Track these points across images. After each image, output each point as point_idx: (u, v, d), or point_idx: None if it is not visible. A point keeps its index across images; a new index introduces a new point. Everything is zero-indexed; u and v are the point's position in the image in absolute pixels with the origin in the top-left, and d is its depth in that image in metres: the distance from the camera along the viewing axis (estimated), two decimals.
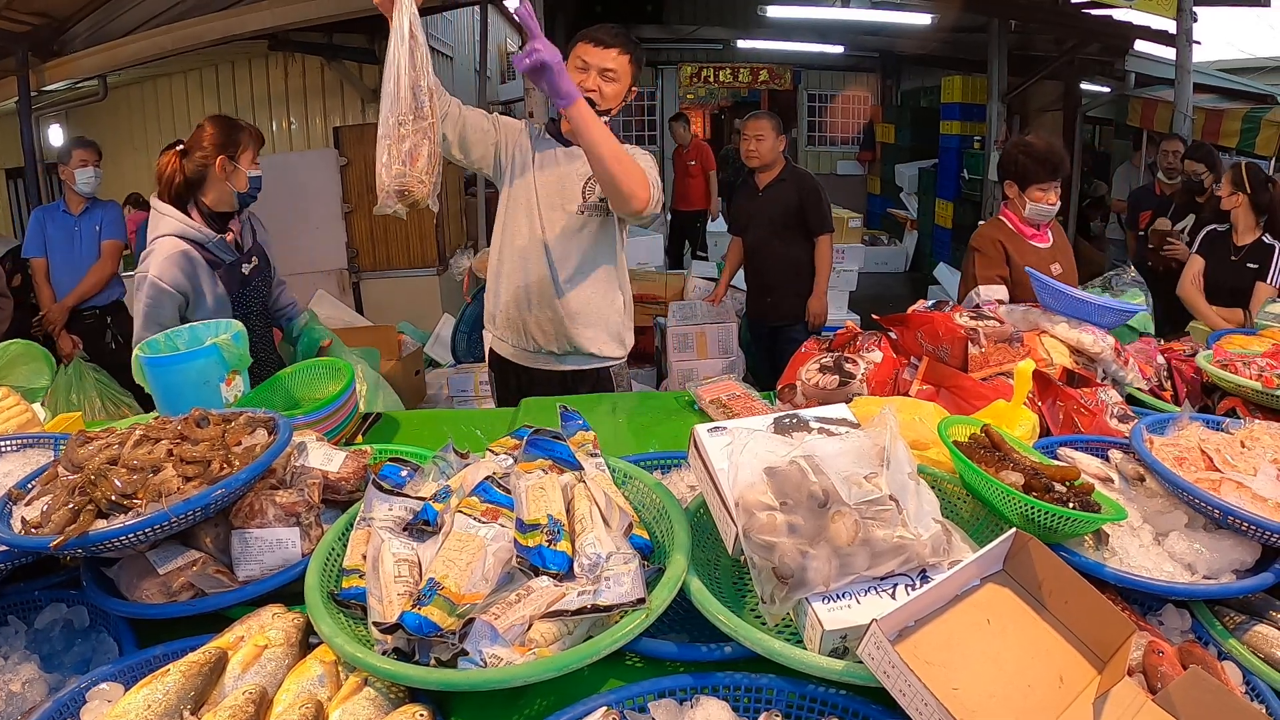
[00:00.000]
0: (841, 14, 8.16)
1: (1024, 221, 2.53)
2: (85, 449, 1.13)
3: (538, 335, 2.10)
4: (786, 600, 0.88)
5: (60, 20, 4.61)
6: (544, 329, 2.09)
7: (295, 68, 5.86)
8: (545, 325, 2.08)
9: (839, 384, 1.61)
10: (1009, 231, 2.52)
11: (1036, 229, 2.55)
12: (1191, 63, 5.24)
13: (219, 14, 4.49)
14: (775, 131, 3.55)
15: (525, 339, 2.12)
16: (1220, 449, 1.20)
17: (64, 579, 1.12)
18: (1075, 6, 6.21)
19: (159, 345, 1.64)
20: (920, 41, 8.29)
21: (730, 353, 4.24)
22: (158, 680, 0.84)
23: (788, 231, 3.57)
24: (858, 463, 0.95)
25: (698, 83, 11.14)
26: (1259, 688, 0.93)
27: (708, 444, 1.02)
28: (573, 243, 2.03)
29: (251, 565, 1.05)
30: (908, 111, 9.52)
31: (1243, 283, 3.02)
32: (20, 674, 0.97)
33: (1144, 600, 1.06)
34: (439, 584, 0.89)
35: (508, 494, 1.05)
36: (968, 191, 7.52)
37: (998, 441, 1.17)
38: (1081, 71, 7.03)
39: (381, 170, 1.57)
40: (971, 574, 0.92)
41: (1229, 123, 5.33)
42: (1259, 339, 1.97)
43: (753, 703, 0.87)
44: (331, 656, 0.90)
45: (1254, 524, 1.02)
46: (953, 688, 0.80)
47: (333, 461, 1.22)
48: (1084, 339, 1.65)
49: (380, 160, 1.58)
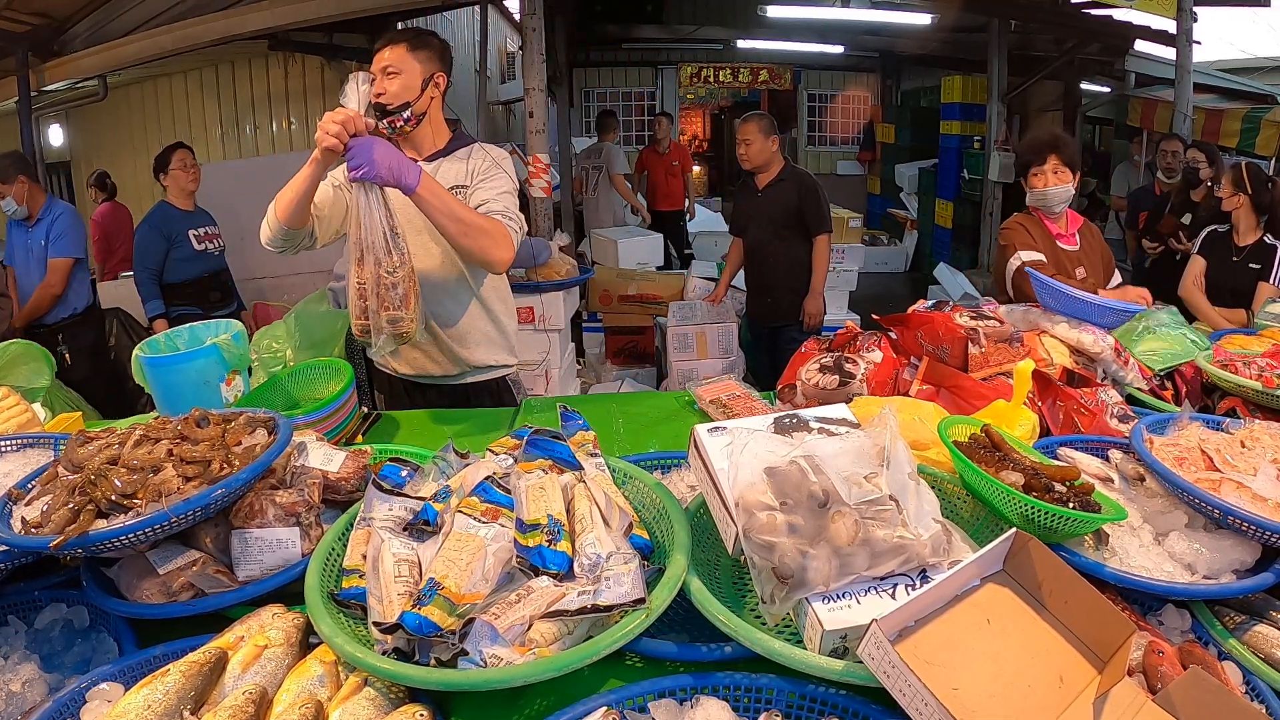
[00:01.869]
0: (841, 14, 8.15)
1: (1048, 217, 2.51)
2: (85, 449, 1.13)
3: (428, 365, 2.03)
4: (786, 600, 0.88)
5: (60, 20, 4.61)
6: (434, 358, 2.02)
7: (295, 68, 5.86)
8: (434, 354, 2.02)
9: (839, 384, 1.61)
10: (1040, 227, 2.50)
11: (1059, 225, 2.51)
12: (1191, 63, 5.24)
13: (219, 14, 4.49)
14: (764, 133, 3.54)
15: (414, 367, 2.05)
16: (1220, 449, 1.20)
17: (64, 579, 1.12)
18: (1075, 6, 6.21)
19: (159, 345, 1.64)
20: (920, 41, 8.28)
21: (730, 353, 4.24)
22: (158, 680, 0.84)
23: (787, 231, 3.57)
24: (858, 463, 0.95)
25: (698, 83, 11.14)
26: (1259, 688, 0.93)
27: (708, 444, 1.02)
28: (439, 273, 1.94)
29: (251, 565, 1.05)
30: (908, 111, 9.52)
31: (1245, 283, 3.00)
32: (20, 674, 0.97)
33: (1144, 600, 1.06)
34: (439, 584, 0.90)
35: (508, 494, 1.05)
36: (968, 191, 7.52)
37: (998, 441, 1.17)
38: (1081, 71, 7.03)
39: (374, 317, 1.60)
40: (971, 574, 0.92)
41: (1229, 123, 5.33)
42: (1259, 339, 1.97)
43: (753, 703, 0.87)
44: (331, 656, 0.90)
45: (1254, 524, 1.02)
46: (953, 688, 0.80)
47: (333, 461, 1.22)
48: (1084, 339, 1.65)
49: (363, 306, 1.61)
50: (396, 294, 1.62)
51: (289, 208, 1.71)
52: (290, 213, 1.71)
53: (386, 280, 1.61)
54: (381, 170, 1.55)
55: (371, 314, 1.62)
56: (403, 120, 1.82)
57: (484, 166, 1.90)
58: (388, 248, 1.61)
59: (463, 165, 1.91)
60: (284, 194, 1.72)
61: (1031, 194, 2.50)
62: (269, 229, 1.77)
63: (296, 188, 1.69)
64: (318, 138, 1.58)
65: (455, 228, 1.67)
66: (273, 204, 1.75)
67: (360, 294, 1.63)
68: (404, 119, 1.82)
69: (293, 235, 1.78)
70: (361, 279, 1.63)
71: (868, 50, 10.05)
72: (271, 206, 1.75)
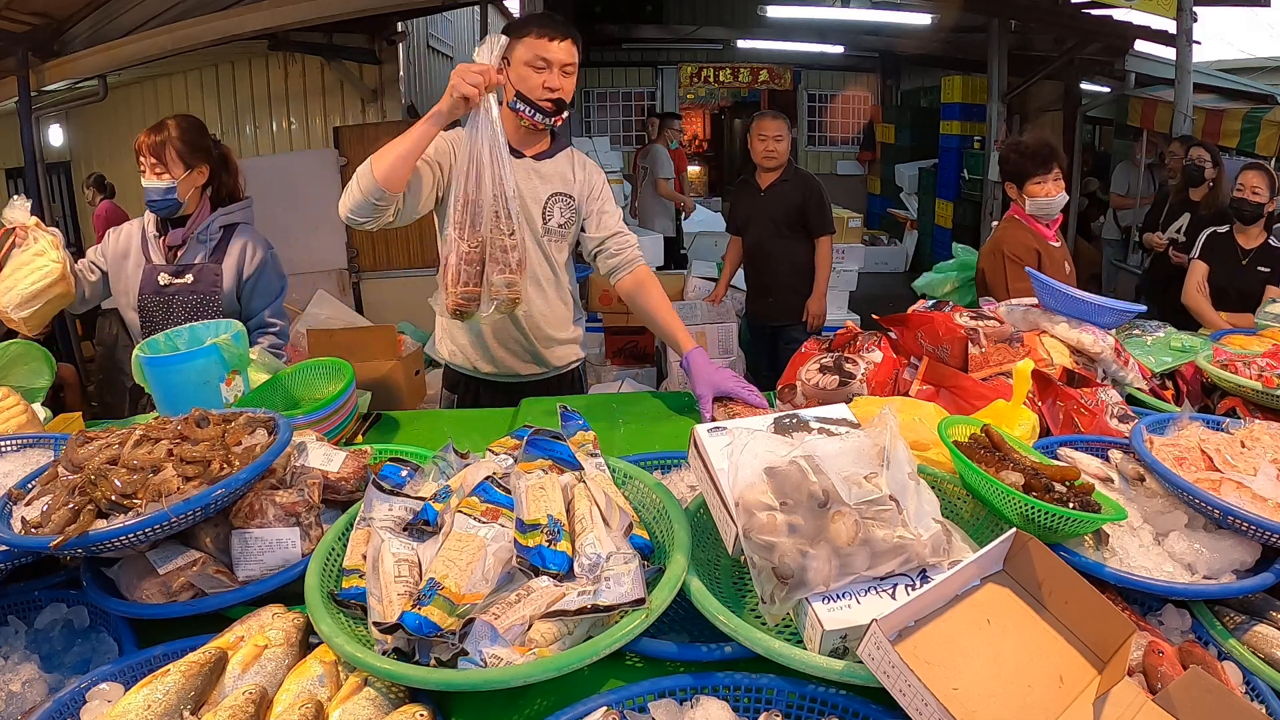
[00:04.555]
0: (841, 14, 8.16)
1: (1038, 221, 2.52)
2: (85, 449, 1.13)
3: (517, 365, 2.03)
4: (786, 600, 0.88)
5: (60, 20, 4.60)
6: (523, 359, 2.02)
7: (295, 68, 5.85)
8: (522, 354, 2.02)
9: (839, 384, 1.60)
10: (1036, 237, 2.51)
11: (1049, 227, 2.54)
12: (1191, 63, 5.23)
13: (219, 14, 4.49)
14: (789, 131, 3.57)
15: (499, 367, 2.04)
16: (1220, 449, 1.20)
17: (64, 579, 1.12)
18: (1075, 6, 6.20)
19: (159, 345, 1.64)
20: (920, 41, 8.28)
21: (730, 353, 4.23)
22: (157, 680, 0.84)
23: (789, 232, 3.57)
24: (858, 463, 0.95)
25: (698, 83, 11.15)
26: (1259, 688, 0.93)
27: (708, 444, 1.02)
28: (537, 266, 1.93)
29: (251, 565, 1.05)
30: (908, 111, 9.52)
31: (1254, 286, 2.93)
32: (20, 674, 0.97)
33: (1144, 600, 1.06)
34: (439, 584, 0.90)
35: (508, 494, 1.05)
36: (968, 191, 7.52)
37: (998, 441, 1.17)
38: (1081, 71, 7.02)
39: (486, 281, 1.64)
40: (971, 574, 0.92)
41: (1229, 123, 5.32)
42: (1259, 339, 1.97)
43: (753, 703, 0.87)
44: (331, 656, 0.90)
45: (1254, 524, 1.02)
46: (953, 688, 0.80)
47: (333, 461, 1.22)
48: (1084, 339, 1.65)
49: (471, 273, 1.63)
50: (512, 258, 1.63)
51: (393, 166, 1.59)
52: (392, 172, 1.59)
53: (503, 242, 1.62)
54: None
55: (485, 279, 1.62)
56: (563, 119, 1.81)
57: (594, 184, 1.94)
58: (507, 212, 1.62)
59: (566, 170, 1.92)
60: (386, 152, 1.61)
61: (1033, 202, 2.50)
62: (358, 191, 1.63)
63: (405, 143, 1.59)
64: (454, 84, 1.54)
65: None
66: (366, 165, 1.62)
67: (470, 259, 1.62)
68: (563, 118, 1.81)
69: (385, 200, 1.64)
70: (473, 244, 1.62)
71: (867, 50, 10.05)
72: (365, 168, 1.62)
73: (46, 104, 5.33)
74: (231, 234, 2.04)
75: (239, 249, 2.02)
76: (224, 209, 2.04)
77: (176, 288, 1.98)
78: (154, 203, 1.95)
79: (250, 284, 2.03)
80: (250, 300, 2.05)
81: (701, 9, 9.33)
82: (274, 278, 2.08)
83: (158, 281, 1.98)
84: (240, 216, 2.07)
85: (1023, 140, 2.61)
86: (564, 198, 1.89)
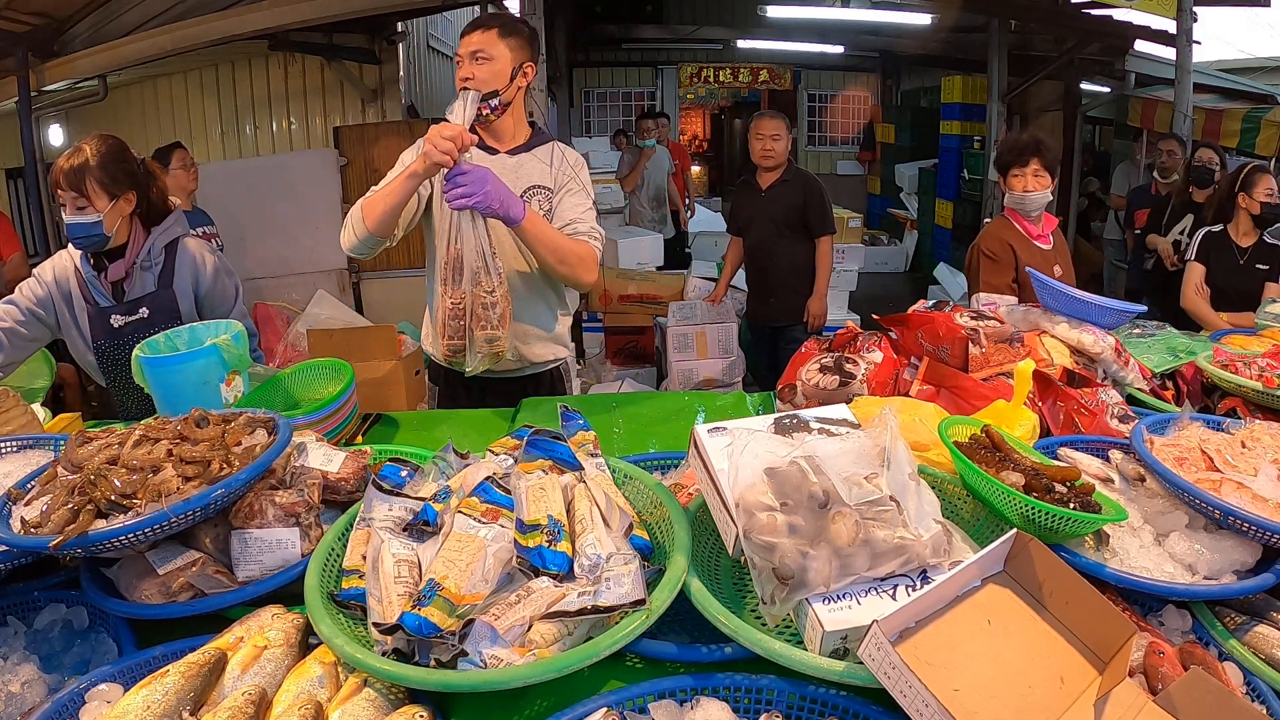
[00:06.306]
0: (841, 14, 8.16)
1: (1026, 219, 2.52)
2: (85, 449, 1.13)
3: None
4: (787, 601, 0.88)
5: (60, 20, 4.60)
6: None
7: (295, 68, 5.85)
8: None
9: (839, 384, 1.60)
10: (1016, 233, 2.51)
11: (1037, 226, 2.54)
12: (1191, 63, 5.23)
13: (219, 14, 4.48)
14: (788, 130, 3.57)
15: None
16: (1221, 449, 1.20)
17: (64, 579, 1.12)
18: (1075, 6, 6.20)
19: (159, 345, 1.64)
20: (920, 41, 8.28)
21: (730, 353, 4.24)
22: (157, 681, 0.84)
23: (790, 232, 3.57)
24: (858, 463, 0.95)
25: (698, 83, 11.15)
26: (1260, 688, 0.92)
27: (708, 444, 1.02)
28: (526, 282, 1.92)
29: (251, 566, 1.05)
30: (908, 111, 9.52)
31: (1253, 285, 2.92)
32: (20, 674, 0.97)
33: (1144, 601, 1.06)
34: (439, 585, 0.89)
35: (508, 494, 1.05)
36: (968, 191, 7.51)
37: (998, 442, 1.17)
38: (1081, 71, 7.02)
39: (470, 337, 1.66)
40: (972, 575, 0.91)
41: (1229, 123, 5.32)
42: (1259, 339, 1.97)
43: (753, 704, 0.87)
44: (331, 657, 0.90)
45: (1254, 524, 1.02)
46: (953, 689, 0.80)
47: (333, 462, 1.22)
48: (1084, 339, 1.65)
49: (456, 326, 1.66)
50: (494, 314, 1.66)
51: (381, 218, 1.71)
52: (382, 224, 1.71)
53: (484, 300, 1.65)
54: (493, 202, 1.58)
55: (469, 333, 1.66)
56: (490, 109, 1.79)
57: (568, 176, 1.90)
58: (487, 269, 1.64)
59: (545, 166, 1.91)
60: (374, 204, 1.71)
61: (1010, 196, 2.51)
62: (354, 236, 1.75)
63: (390, 199, 1.69)
64: (426, 151, 1.58)
65: (552, 257, 1.73)
66: (358, 212, 1.73)
67: (455, 314, 1.65)
68: (491, 107, 1.79)
69: (378, 243, 1.78)
70: (456, 299, 1.65)
71: (868, 50, 10.06)
72: (357, 215, 1.73)
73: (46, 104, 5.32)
74: (175, 251, 1.90)
75: (189, 265, 1.90)
76: (159, 227, 1.89)
77: (133, 325, 1.84)
78: (78, 240, 1.79)
79: (208, 296, 1.93)
80: (213, 311, 1.93)
81: (701, 9, 9.34)
82: (227, 280, 1.97)
83: (111, 325, 1.84)
84: (178, 230, 1.92)
85: (1010, 135, 2.61)
86: (541, 190, 1.88)
